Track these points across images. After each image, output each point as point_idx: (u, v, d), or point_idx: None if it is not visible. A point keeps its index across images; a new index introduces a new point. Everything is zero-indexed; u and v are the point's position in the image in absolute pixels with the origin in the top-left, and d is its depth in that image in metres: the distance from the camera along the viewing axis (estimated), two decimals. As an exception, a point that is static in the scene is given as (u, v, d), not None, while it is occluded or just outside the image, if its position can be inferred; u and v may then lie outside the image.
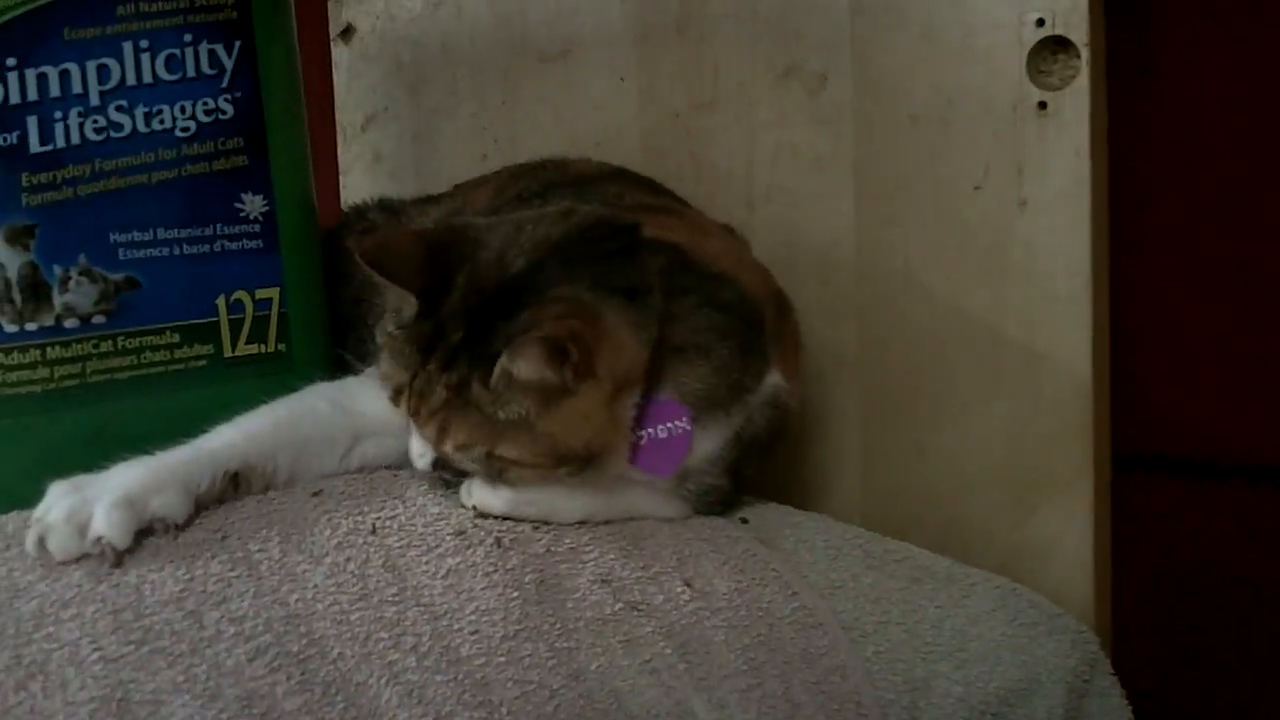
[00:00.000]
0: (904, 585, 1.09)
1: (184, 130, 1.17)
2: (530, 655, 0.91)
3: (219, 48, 1.19)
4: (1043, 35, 1.19)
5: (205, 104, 1.18)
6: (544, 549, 1.02)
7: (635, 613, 0.97)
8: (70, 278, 1.13)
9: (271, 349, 1.22)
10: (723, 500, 1.14)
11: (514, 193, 1.36)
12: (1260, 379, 1.23)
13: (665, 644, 0.95)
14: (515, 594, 0.96)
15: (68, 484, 0.97)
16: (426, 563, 0.98)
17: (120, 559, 0.93)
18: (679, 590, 1.00)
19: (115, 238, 1.15)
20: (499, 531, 1.03)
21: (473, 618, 0.93)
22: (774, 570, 1.05)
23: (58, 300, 1.13)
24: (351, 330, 1.28)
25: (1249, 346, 1.23)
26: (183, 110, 1.17)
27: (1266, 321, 1.22)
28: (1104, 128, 1.21)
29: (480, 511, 1.06)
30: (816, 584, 1.06)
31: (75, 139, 1.13)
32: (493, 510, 1.06)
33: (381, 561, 0.97)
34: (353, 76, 1.91)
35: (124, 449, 1.02)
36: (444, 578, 0.97)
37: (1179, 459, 1.27)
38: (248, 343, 1.22)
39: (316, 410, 1.13)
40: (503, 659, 0.90)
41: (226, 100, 1.19)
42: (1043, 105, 1.20)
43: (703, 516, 1.13)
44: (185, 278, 1.18)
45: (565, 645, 0.93)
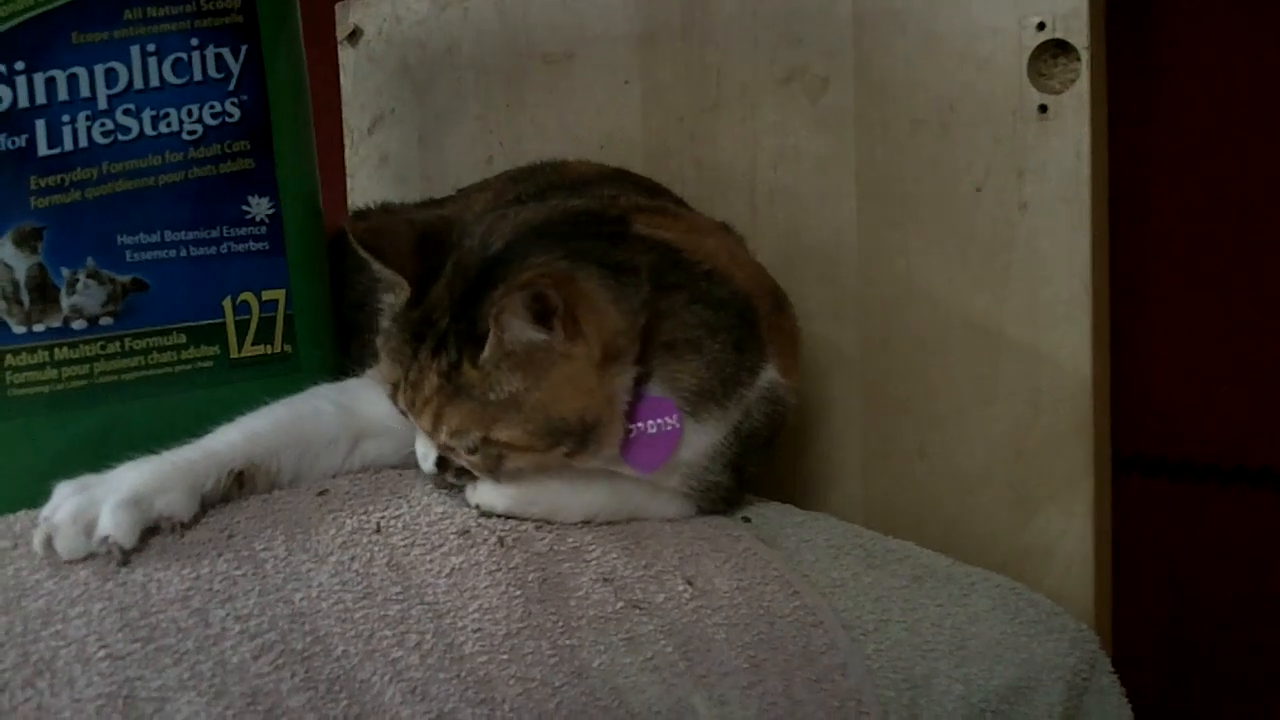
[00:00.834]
0: (905, 584, 1.10)
1: (191, 133, 1.18)
2: (533, 653, 0.92)
3: (225, 51, 1.20)
4: (1043, 39, 1.19)
5: (212, 107, 1.19)
6: (547, 548, 1.03)
7: (637, 611, 0.97)
8: (78, 279, 1.14)
9: (277, 350, 1.23)
10: (725, 497, 1.14)
11: (513, 195, 1.36)
12: (1261, 381, 1.23)
13: (667, 642, 0.95)
14: (518, 592, 0.97)
15: (74, 484, 0.98)
16: (430, 561, 0.99)
17: (127, 558, 0.94)
18: (680, 589, 1.01)
19: (123, 240, 1.16)
20: (502, 531, 1.04)
21: (476, 616, 0.94)
22: (775, 569, 1.06)
23: (65, 302, 1.14)
24: (354, 335, 1.29)
25: (1249, 348, 1.23)
26: (189, 114, 1.18)
27: (1267, 323, 1.22)
28: (1104, 131, 1.21)
29: (484, 510, 1.07)
30: (817, 582, 1.06)
31: (83, 142, 1.14)
32: (496, 509, 1.06)
33: (386, 560, 0.98)
34: (359, 79, 1.92)
35: (131, 449, 1.03)
36: (447, 576, 0.98)
37: (1180, 460, 1.27)
38: (254, 344, 1.23)
39: (319, 410, 1.14)
40: (505, 656, 0.91)
41: (233, 103, 1.20)
42: (1043, 108, 1.20)
43: (704, 516, 1.13)
44: (192, 279, 1.19)
45: (567, 643, 0.93)
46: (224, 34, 1.20)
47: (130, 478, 0.99)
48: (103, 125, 1.15)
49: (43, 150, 1.13)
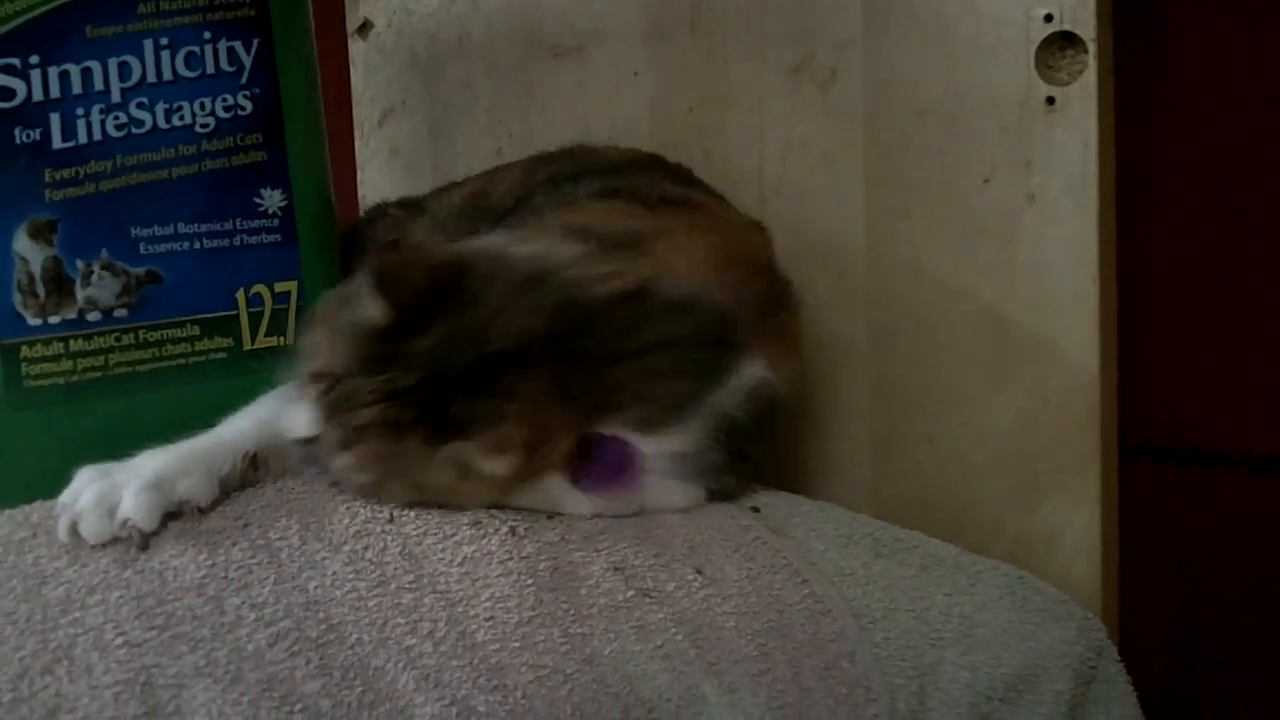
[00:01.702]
0: (913, 573, 1.10)
1: (204, 126, 1.19)
2: (545, 640, 0.92)
3: (238, 45, 1.20)
4: (1051, 31, 1.20)
5: (224, 100, 1.20)
6: (558, 537, 1.03)
7: (647, 599, 0.98)
8: (93, 271, 1.15)
9: (290, 341, 1.24)
10: (730, 469, 1.14)
11: (545, 176, 1.36)
12: (1267, 369, 1.23)
13: (677, 630, 0.96)
14: (530, 581, 0.97)
15: (95, 469, 0.99)
16: (443, 550, 1.00)
17: (146, 542, 0.95)
18: (690, 578, 1.01)
19: (136, 232, 1.17)
20: (513, 520, 1.04)
21: (488, 604, 0.95)
22: (784, 558, 1.06)
23: (80, 294, 1.15)
24: None
25: (1256, 337, 1.24)
26: (202, 107, 1.19)
27: (1273, 312, 1.23)
28: (1111, 123, 1.22)
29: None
30: (826, 571, 1.07)
31: (97, 135, 1.15)
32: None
33: (399, 549, 0.99)
34: (370, 71, 1.92)
35: (145, 440, 1.03)
36: (460, 565, 0.98)
37: (1186, 448, 1.28)
38: (266, 335, 1.23)
39: None
40: (517, 644, 0.92)
41: (245, 96, 1.21)
42: (1050, 100, 1.21)
43: (714, 504, 1.13)
44: (205, 271, 1.20)
45: (579, 631, 0.94)
46: (236, 27, 1.20)
47: (152, 463, 1.00)
48: (116, 118, 1.15)
49: (57, 143, 1.13)
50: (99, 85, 1.15)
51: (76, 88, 1.14)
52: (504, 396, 0.99)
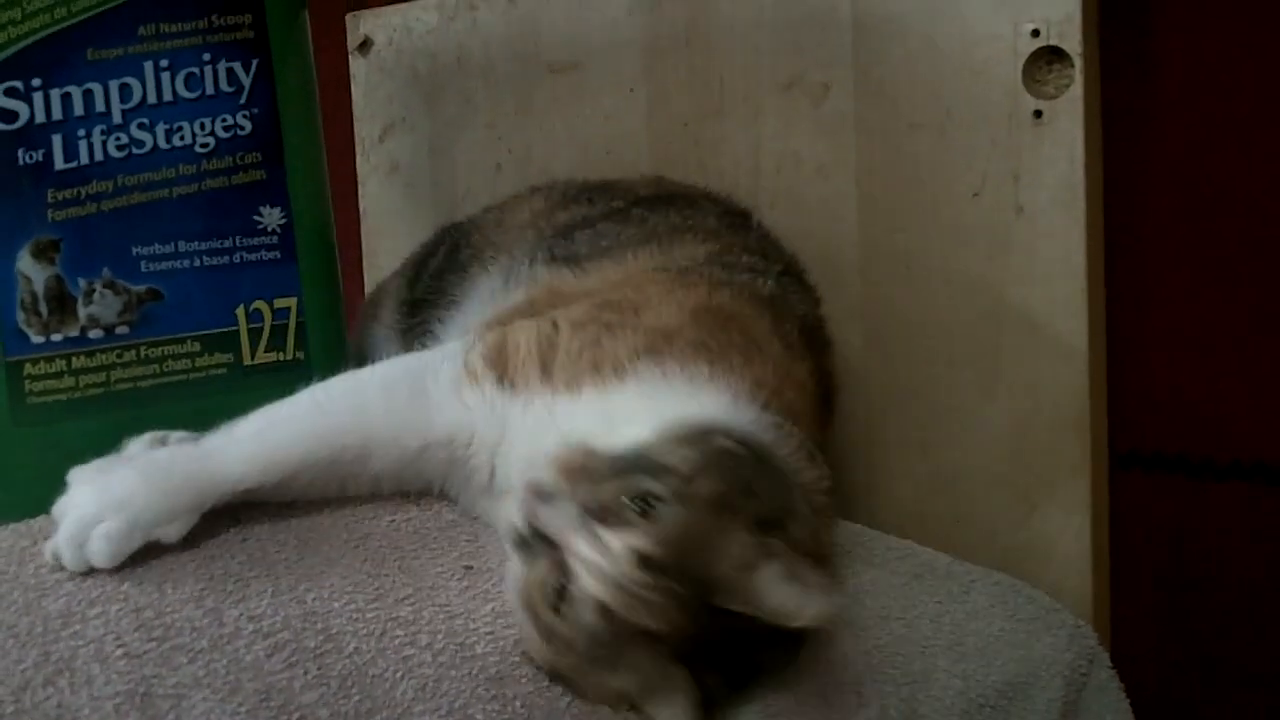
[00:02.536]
0: (904, 581, 1.11)
1: (204, 146, 1.21)
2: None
3: (237, 66, 1.22)
4: (1038, 46, 1.21)
5: (224, 120, 1.22)
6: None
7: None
8: (94, 290, 1.16)
9: (290, 357, 1.25)
10: None
11: (578, 215, 1.33)
12: (1257, 377, 1.24)
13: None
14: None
15: (90, 468, 1.00)
16: (441, 566, 1.01)
17: None
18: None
19: (138, 251, 1.18)
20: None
21: (488, 619, 0.95)
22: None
23: (82, 311, 1.16)
24: None
25: (1245, 345, 1.24)
26: (202, 127, 1.21)
27: (1261, 321, 1.23)
28: (1098, 135, 1.23)
29: None
30: (819, 580, 1.08)
31: (99, 156, 1.16)
32: None
33: (396, 564, 1.00)
34: (370, 88, 1.93)
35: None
36: (459, 579, 0.99)
37: (1177, 457, 1.29)
38: (266, 351, 1.25)
39: None
40: (517, 658, 0.92)
41: (244, 116, 1.22)
42: (1038, 114, 1.22)
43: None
44: (206, 289, 1.21)
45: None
46: (235, 49, 1.22)
47: (135, 499, 0.95)
48: (118, 139, 1.17)
49: (59, 164, 1.15)
50: (100, 107, 1.16)
51: (78, 109, 1.16)
52: None
